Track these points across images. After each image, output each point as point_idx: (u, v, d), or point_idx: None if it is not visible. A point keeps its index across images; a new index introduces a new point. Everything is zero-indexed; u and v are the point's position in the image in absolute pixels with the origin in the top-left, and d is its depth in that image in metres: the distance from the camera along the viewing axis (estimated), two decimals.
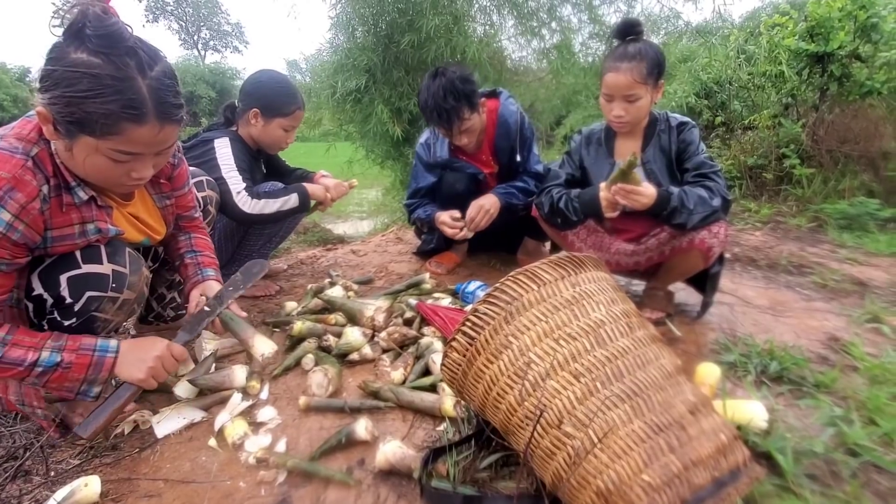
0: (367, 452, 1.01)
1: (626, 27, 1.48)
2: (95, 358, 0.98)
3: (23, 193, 0.86)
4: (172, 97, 0.89)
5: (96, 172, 0.92)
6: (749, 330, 1.54)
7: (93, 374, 0.98)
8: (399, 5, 3.25)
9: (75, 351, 0.96)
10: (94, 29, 0.80)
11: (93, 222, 1.01)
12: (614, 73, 1.44)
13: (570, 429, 0.75)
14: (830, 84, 3.30)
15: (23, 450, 1.07)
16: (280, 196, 1.75)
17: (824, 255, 2.35)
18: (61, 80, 0.81)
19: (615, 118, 1.51)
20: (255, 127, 1.79)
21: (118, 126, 0.84)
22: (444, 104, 1.74)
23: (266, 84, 1.79)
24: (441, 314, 1.48)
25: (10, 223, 0.85)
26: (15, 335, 0.92)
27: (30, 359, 0.91)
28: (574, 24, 3.77)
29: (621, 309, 0.88)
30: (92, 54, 0.81)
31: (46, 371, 0.93)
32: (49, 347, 0.94)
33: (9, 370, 0.91)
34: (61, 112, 0.83)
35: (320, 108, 3.92)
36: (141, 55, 0.85)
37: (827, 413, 1.05)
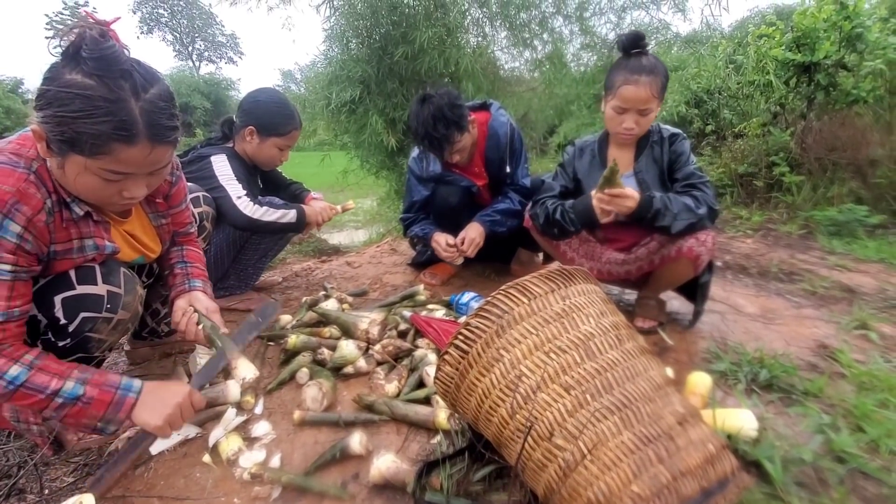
0: (362, 466, 1.01)
1: (634, 40, 1.47)
2: (117, 397, 0.95)
3: (28, 206, 0.87)
4: (166, 119, 0.90)
5: (87, 190, 0.93)
6: (740, 338, 1.55)
7: (111, 414, 0.95)
8: (393, 18, 3.28)
9: (99, 386, 0.94)
10: (89, 52, 0.82)
11: (91, 238, 1.01)
12: (634, 87, 1.43)
13: (561, 441, 0.76)
14: (817, 93, 3.36)
15: (16, 468, 1.07)
16: (280, 208, 1.77)
17: (814, 261, 2.38)
18: (54, 100, 0.82)
19: (625, 130, 1.51)
20: (250, 144, 1.81)
21: (108, 146, 0.85)
22: (434, 132, 1.76)
23: (264, 104, 1.81)
24: (435, 326, 1.49)
25: (20, 234, 0.87)
26: (43, 360, 0.91)
27: (53, 387, 0.89)
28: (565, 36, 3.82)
29: (610, 321, 0.89)
30: (86, 76, 0.82)
31: (66, 403, 0.91)
32: (74, 378, 0.92)
33: (30, 396, 0.89)
34: (53, 131, 0.84)
35: (315, 118, 3.94)
36: (136, 77, 0.86)
37: (815, 421, 1.07)
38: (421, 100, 1.82)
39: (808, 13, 3.31)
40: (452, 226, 2.05)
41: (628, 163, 1.60)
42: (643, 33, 1.49)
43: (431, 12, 3.26)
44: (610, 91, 1.51)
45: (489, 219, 1.99)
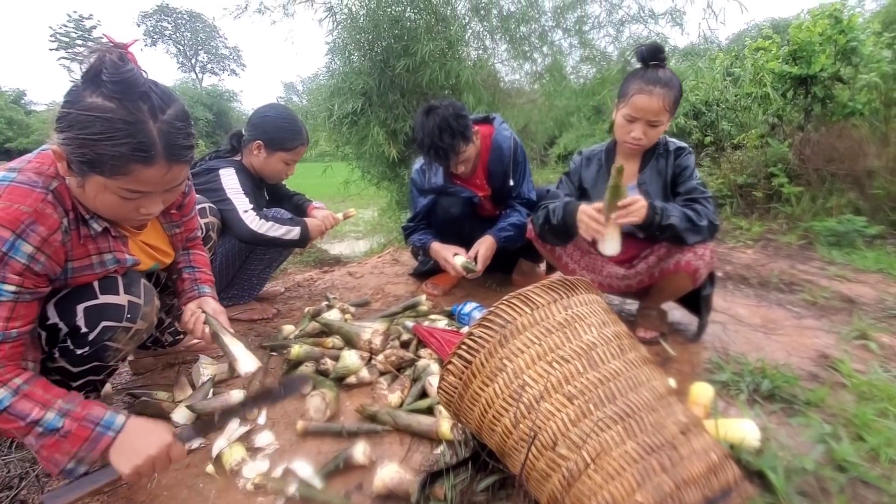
0: (365, 477, 1.01)
1: (653, 52, 1.48)
2: (95, 434, 0.90)
3: (44, 226, 0.88)
4: (183, 139, 0.92)
5: (106, 208, 0.95)
6: (741, 348, 1.56)
7: (85, 451, 0.90)
8: (394, 31, 3.33)
9: (80, 420, 0.90)
10: (109, 75, 0.84)
11: (110, 253, 1.03)
12: (647, 97, 1.44)
13: (565, 450, 0.76)
14: (814, 105, 3.40)
15: (18, 479, 1.07)
16: (285, 224, 1.80)
17: (814, 272, 2.39)
18: (76, 123, 0.84)
19: (633, 139, 1.51)
20: (257, 158, 1.84)
21: (128, 167, 0.87)
22: (440, 143, 1.79)
23: (272, 119, 1.85)
24: (437, 336, 1.49)
25: (31, 255, 0.87)
26: (32, 386, 0.88)
27: (34, 416, 0.86)
28: (565, 49, 3.86)
29: (613, 331, 0.90)
30: (106, 99, 0.84)
31: (44, 434, 0.87)
32: (56, 409, 0.88)
33: (11, 422, 0.86)
34: (74, 152, 0.86)
35: (317, 129, 3.97)
36: (154, 99, 0.88)
37: (817, 430, 1.07)
38: (426, 111, 1.84)
39: (804, 27, 3.37)
40: (454, 236, 2.06)
41: (633, 173, 1.62)
42: (662, 46, 1.49)
43: (433, 26, 3.31)
44: (623, 99, 1.52)
45: (505, 234, 2.00)
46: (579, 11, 3.58)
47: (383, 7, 3.29)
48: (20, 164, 0.93)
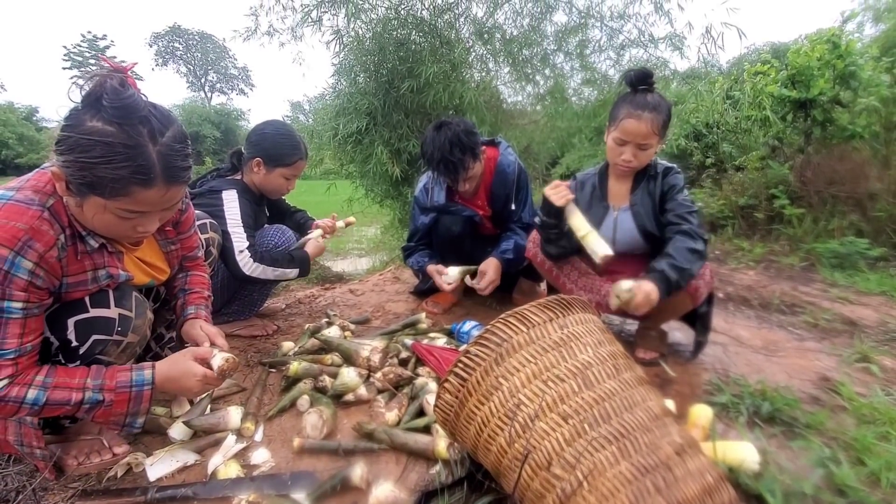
0: (360, 496, 1.00)
1: (641, 77, 1.51)
2: (134, 393, 1.02)
3: (40, 243, 0.90)
4: (181, 160, 0.95)
5: (104, 227, 0.97)
6: (742, 370, 1.55)
7: (134, 408, 1.02)
8: (399, 54, 3.41)
9: (113, 391, 0.99)
10: (110, 100, 0.86)
11: (104, 268, 1.04)
12: (636, 121, 1.47)
13: (559, 470, 0.76)
14: (814, 128, 3.44)
15: (14, 493, 1.06)
16: (280, 267, 1.81)
17: (816, 294, 2.38)
18: (76, 146, 0.86)
19: (623, 162, 1.54)
20: (257, 175, 1.86)
21: (127, 189, 0.90)
22: (450, 157, 1.82)
23: (270, 136, 1.87)
24: (436, 354, 1.49)
25: (32, 271, 0.89)
26: (55, 377, 0.95)
27: (75, 399, 0.95)
28: (566, 71, 3.94)
29: (608, 350, 0.90)
30: (106, 123, 0.87)
31: (93, 407, 0.98)
32: (90, 388, 0.97)
33: (57, 409, 0.95)
34: (75, 174, 0.88)
35: (322, 148, 4.03)
36: (153, 123, 0.91)
37: (817, 454, 1.06)
38: (437, 126, 1.88)
39: (802, 52, 3.42)
40: (455, 254, 2.08)
41: (625, 196, 1.64)
42: (651, 71, 1.53)
43: (437, 49, 3.39)
44: (613, 123, 1.55)
45: (507, 256, 2.02)
46: (581, 36, 3.66)
47: (389, 31, 3.37)
48: (18, 183, 0.96)
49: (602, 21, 3.58)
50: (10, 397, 0.90)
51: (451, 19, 3.55)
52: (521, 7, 3.64)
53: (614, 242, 1.65)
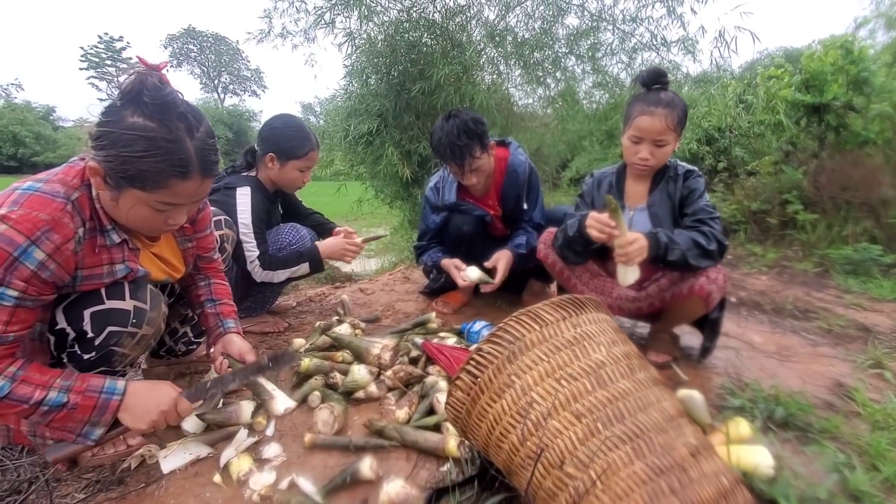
0: (371, 492, 1.01)
1: (655, 76, 1.51)
2: (101, 400, 0.99)
3: (59, 235, 0.92)
4: (213, 154, 0.99)
5: (138, 220, 1.00)
6: (755, 375, 1.53)
7: (96, 417, 0.99)
8: (411, 56, 3.43)
9: (82, 393, 0.97)
10: (151, 97, 0.90)
11: (123, 263, 1.06)
12: (649, 117, 1.46)
13: (572, 469, 0.76)
14: (828, 133, 3.40)
15: (27, 483, 1.08)
16: (291, 265, 1.85)
17: (830, 300, 2.36)
18: (118, 141, 0.90)
19: (640, 160, 1.53)
20: (272, 170, 1.88)
21: (167, 182, 0.94)
22: (457, 141, 1.82)
23: (280, 130, 1.89)
24: (446, 353, 1.49)
25: (42, 262, 0.90)
26: (27, 371, 0.93)
27: (36, 397, 0.92)
28: (578, 74, 3.93)
29: (622, 350, 0.90)
30: (148, 119, 0.90)
31: (51, 410, 0.94)
32: (57, 387, 0.95)
33: (14, 407, 0.92)
34: (115, 168, 0.91)
35: (333, 149, 4.06)
36: (190, 119, 0.95)
37: (831, 459, 1.05)
38: (447, 116, 1.90)
39: (815, 57, 3.40)
40: (465, 253, 2.08)
41: (642, 196, 1.63)
42: (665, 70, 1.52)
43: (448, 51, 3.40)
44: (627, 121, 1.54)
45: (519, 250, 2.02)
46: (592, 39, 3.66)
47: (401, 33, 3.39)
48: (47, 175, 0.98)
49: (614, 24, 3.58)
50: None
51: (462, 22, 3.56)
52: (533, 10, 3.65)
53: None
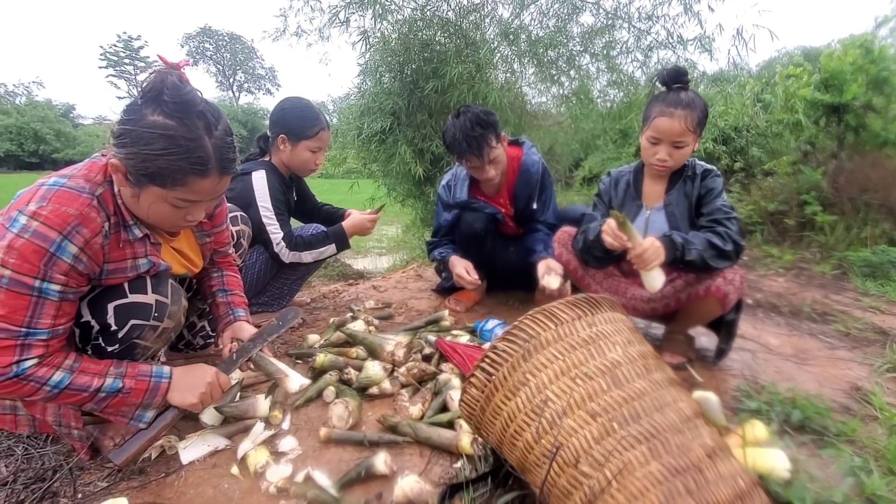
0: (385, 486, 1.02)
1: (675, 75, 1.49)
2: (152, 384, 1.05)
3: (88, 229, 0.94)
4: (231, 152, 1.01)
5: (158, 216, 1.02)
6: (772, 377, 1.52)
7: (149, 399, 1.05)
8: (424, 54, 3.43)
9: (134, 377, 1.02)
10: (171, 96, 0.92)
11: (146, 257, 1.09)
12: (668, 119, 1.45)
13: (587, 468, 0.76)
14: (847, 134, 3.34)
15: (51, 471, 1.10)
16: (318, 247, 1.88)
17: (848, 302, 2.32)
18: (139, 139, 0.92)
19: (658, 161, 1.52)
20: (283, 152, 1.90)
21: (185, 179, 0.96)
22: (472, 133, 1.83)
23: (289, 111, 1.92)
24: (460, 351, 1.50)
25: (76, 255, 0.93)
26: (82, 363, 0.99)
27: (95, 385, 0.97)
28: (592, 73, 3.91)
29: (638, 350, 0.90)
30: (167, 117, 0.92)
31: (108, 396, 0.99)
32: (112, 374, 1.00)
33: (74, 396, 0.97)
34: (136, 166, 0.93)
35: (346, 147, 4.09)
36: (208, 117, 0.96)
37: (847, 463, 1.04)
38: (456, 113, 1.91)
39: (835, 56, 3.33)
40: (476, 251, 2.08)
41: (660, 195, 1.62)
42: (685, 69, 1.50)
43: (462, 50, 3.40)
44: (646, 122, 1.53)
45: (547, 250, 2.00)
46: (607, 37, 3.63)
47: (415, 31, 3.40)
48: (71, 171, 1.00)
49: (629, 22, 3.55)
50: (35, 377, 0.92)
51: (476, 20, 3.56)
52: (548, 8, 3.64)
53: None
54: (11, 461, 1.13)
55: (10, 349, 0.89)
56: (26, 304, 0.89)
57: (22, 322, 0.90)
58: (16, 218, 0.89)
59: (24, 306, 0.89)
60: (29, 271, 0.88)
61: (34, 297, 0.90)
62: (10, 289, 0.88)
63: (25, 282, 0.88)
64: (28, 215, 0.89)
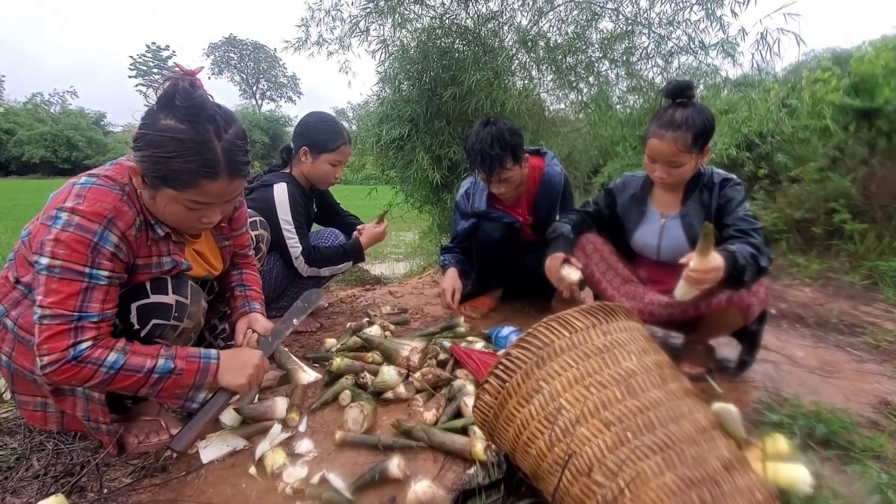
0: (399, 490, 1.03)
1: (678, 89, 1.48)
2: (202, 364, 1.08)
3: (122, 221, 1.00)
4: (242, 156, 1.04)
5: (173, 217, 1.06)
6: (795, 390, 1.48)
7: (200, 380, 1.08)
8: (443, 62, 3.46)
9: (185, 359, 1.06)
10: (182, 100, 0.95)
11: (169, 256, 1.13)
12: (658, 140, 1.45)
13: (601, 477, 0.76)
14: (879, 139, 3.24)
15: (79, 467, 1.15)
16: (335, 262, 1.94)
17: (878, 314, 2.24)
18: (152, 143, 0.96)
19: (657, 178, 1.53)
20: (305, 164, 1.95)
21: (196, 181, 0.99)
22: (489, 150, 1.82)
23: (313, 124, 1.97)
24: (474, 357, 1.50)
25: (116, 244, 0.99)
26: (133, 345, 1.03)
27: (148, 365, 1.01)
28: (611, 79, 3.87)
29: (653, 360, 0.89)
30: (179, 121, 0.96)
31: (162, 377, 1.02)
32: (163, 355, 1.03)
33: (130, 377, 1.00)
34: (150, 168, 0.98)
35: (364, 154, 4.14)
36: (219, 121, 1.00)
37: (874, 479, 1.00)
38: (485, 122, 1.91)
39: (866, 59, 3.24)
40: (494, 259, 2.08)
41: (675, 205, 1.60)
42: (690, 83, 1.48)
43: (480, 57, 3.42)
44: (645, 139, 1.54)
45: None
46: (627, 43, 3.60)
47: (433, 39, 3.44)
48: (100, 171, 1.06)
49: (650, 28, 3.51)
50: (91, 358, 0.95)
51: (494, 27, 3.58)
52: (566, 15, 3.63)
53: (659, 250, 1.62)
54: (43, 455, 1.18)
55: (64, 333, 0.94)
56: (78, 290, 0.95)
57: (74, 307, 0.95)
58: (56, 216, 0.95)
59: (76, 292, 0.95)
60: (79, 259, 0.94)
61: (85, 283, 0.95)
62: (63, 277, 0.94)
63: (77, 269, 0.94)
64: (68, 211, 0.95)
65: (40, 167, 31.41)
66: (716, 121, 1.51)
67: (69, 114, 36.30)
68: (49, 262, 0.94)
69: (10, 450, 1.20)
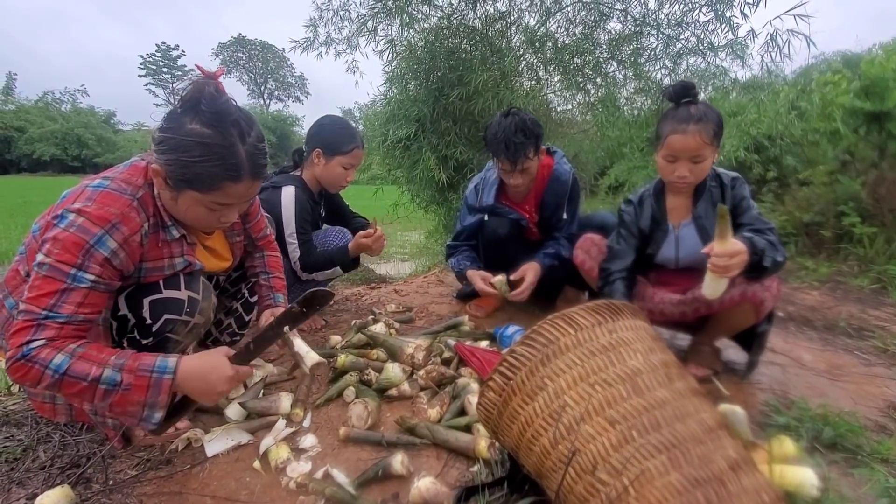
0: (402, 487, 1.03)
1: (682, 90, 1.47)
2: (153, 380, 0.96)
3: (127, 227, 1.00)
4: (263, 158, 1.06)
5: (194, 218, 1.08)
6: (802, 393, 1.46)
7: (152, 398, 0.97)
8: (450, 62, 3.47)
9: (134, 372, 0.95)
10: (208, 105, 0.97)
11: (182, 256, 1.15)
12: (682, 136, 1.42)
13: (605, 476, 0.75)
14: (889, 143, 3.20)
15: (85, 458, 1.16)
16: (326, 268, 1.98)
17: (887, 318, 2.21)
18: (178, 146, 0.97)
19: (679, 178, 1.48)
20: (317, 166, 1.96)
21: (220, 184, 1.01)
22: (514, 138, 1.83)
23: (327, 126, 1.99)
24: (478, 356, 1.50)
25: (114, 250, 0.98)
26: (86, 349, 0.94)
27: (93, 374, 0.91)
28: (619, 80, 3.86)
29: (659, 359, 0.88)
30: (204, 125, 0.97)
31: (109, 391, 0.93)
32: (111, 365, 0.94)
33: (75, 384, 0.91)
34: (175, 171, 0.99)
35: (371, 153, 4.15)
36: (242, 125, 1.01)
37: (881, 483, 0.99)
38: (505, 113, 1.92)
39: (877, 61, 3.21)
40: (499, 257, 2.08)
41: (686, 210, 1.58)
42: (692, 83, 1.48)
43: (487, 57, 3.42)
44: (659, 141, 1.50)
45: (549, 260, 2.02)
46: (635, 44, 3.59)
47: (441, 39, 3.44)
48: (113, 173, 1.06)
49: (658, 29, 3.50)
50: (38, 358, 0.89)
51: (502, 28, 3.58)
52: (574, 15, 3.62)
53: (678, 260, 1.59)
54: (49, 447, 1.19)
55: (26, 331, 0.90)
56: (56, 289, 0.92)
57: (45, 305, 0.92)
58: (63, 215, 0.96)
59: (53, 291, 0.92)
60: (68, 260, 0.93)
61: (66, 283, 0.93)
62: (48, 275, 0.93)
63: (62, 269, 0.93)
64: (74, 212, 0.96)
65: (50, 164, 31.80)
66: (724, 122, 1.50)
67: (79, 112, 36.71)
68: (42, 259, 0.94)
69: (17, 441, 1.21)
